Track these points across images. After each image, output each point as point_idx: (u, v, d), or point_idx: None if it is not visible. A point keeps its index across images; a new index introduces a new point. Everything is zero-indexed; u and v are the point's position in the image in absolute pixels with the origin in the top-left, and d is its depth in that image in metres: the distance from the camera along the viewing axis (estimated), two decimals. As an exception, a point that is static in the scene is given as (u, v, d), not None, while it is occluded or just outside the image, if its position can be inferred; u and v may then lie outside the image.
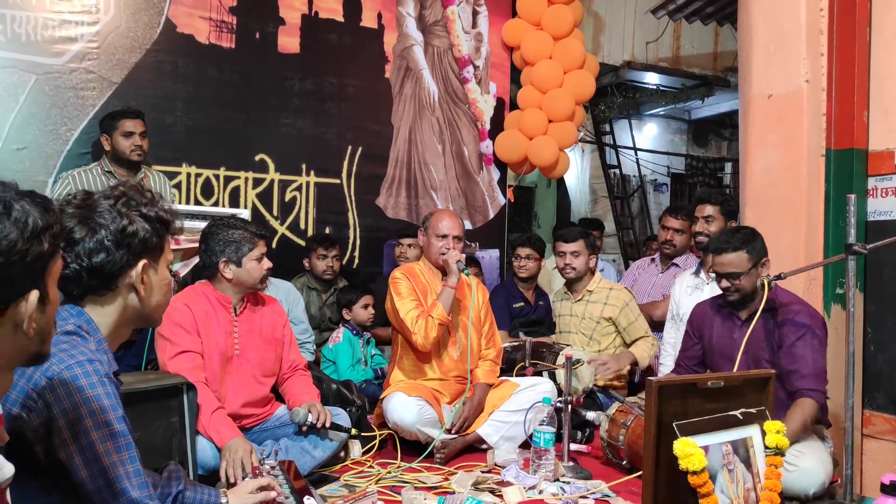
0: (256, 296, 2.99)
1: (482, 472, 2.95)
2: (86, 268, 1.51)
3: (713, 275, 3.70)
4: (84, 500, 1.42)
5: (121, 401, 1.49)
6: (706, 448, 1.97)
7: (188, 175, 4.47)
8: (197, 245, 3.24)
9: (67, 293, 1.54)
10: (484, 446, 3.24)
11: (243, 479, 2.41)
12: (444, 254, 3.32)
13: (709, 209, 3.74)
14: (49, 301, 1.18)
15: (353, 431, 3.02)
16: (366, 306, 4.13)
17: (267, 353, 2.97)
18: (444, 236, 3.37)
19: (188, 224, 3.45)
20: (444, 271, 3.45)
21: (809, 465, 2.66)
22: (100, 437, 1.41)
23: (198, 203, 4.45)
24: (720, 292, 3.54)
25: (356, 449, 3.08)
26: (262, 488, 2.08)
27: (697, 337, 3.16)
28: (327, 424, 2.85)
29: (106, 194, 1.58)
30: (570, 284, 4.10)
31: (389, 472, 2.90)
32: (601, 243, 6.42)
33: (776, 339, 2.86)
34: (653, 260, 4.73)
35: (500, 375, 3.61)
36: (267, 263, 2.89)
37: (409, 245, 4.56)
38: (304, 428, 2.84)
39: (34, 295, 1.12)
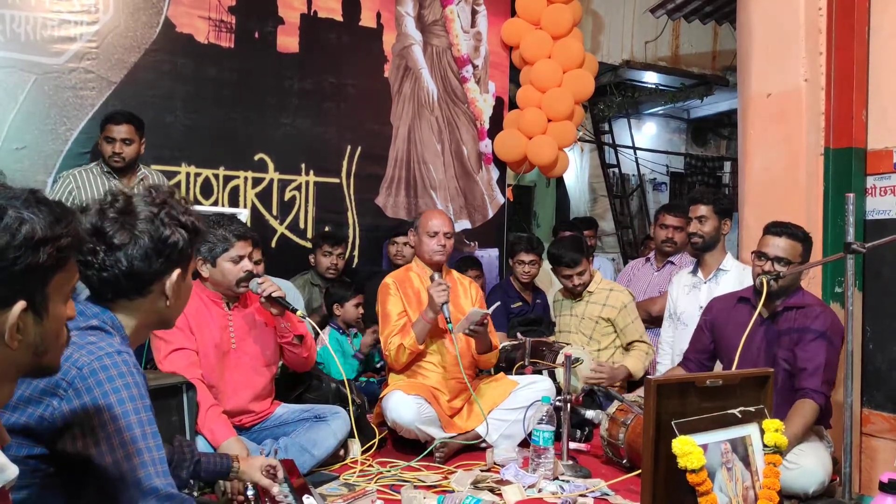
0: None
1: (481, 470, 2.95)
2: (125, 273, 1.53)
3: (715, 271, 3.73)
4: (105, 488, 1.45)
5: (147, 391, 1.52)
6: (705, 446, 1.97)
7: (187, 174, 4.47)
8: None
9: (101, 296, 1.56)
10: (483, 445, 3.25)
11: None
12: (432, 290, 3.20)
13: (702, 209, 3.72)
14: (48, 315, 1.16)
15: (299, 313, 2.96)
16: (357, 305, 4.13)
17: (265, 342, 2.97)
18: (435, 234, 3.39)
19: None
20: (437, 270, 3.46)
21: (809, 463, 2.67)
22: (126, 424, 1.44)
23: (197, 203, 4.44)
24: (717, 292, 3.57)
25: (355, 448, 3.08)
26: (269, 468, 2.19)
27: (710, 331, 3.15)
28: (275, 294, 2.82)
29: (146, 200, 1.60)
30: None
31: (389, 471, 2.91)
32: (594, 242, 6.43)
33: (794, 338, 2.86)
34: (647, 259, 4.74)
35: (498, 373, 3.62)
36: (247, 265, 2.82)
37: (405, 243, 4.56)
38: (262, 300, 2.85)
39: (19, 306, 1.09)
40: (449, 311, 3.19)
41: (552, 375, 3.62)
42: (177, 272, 1.59)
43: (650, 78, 8.67)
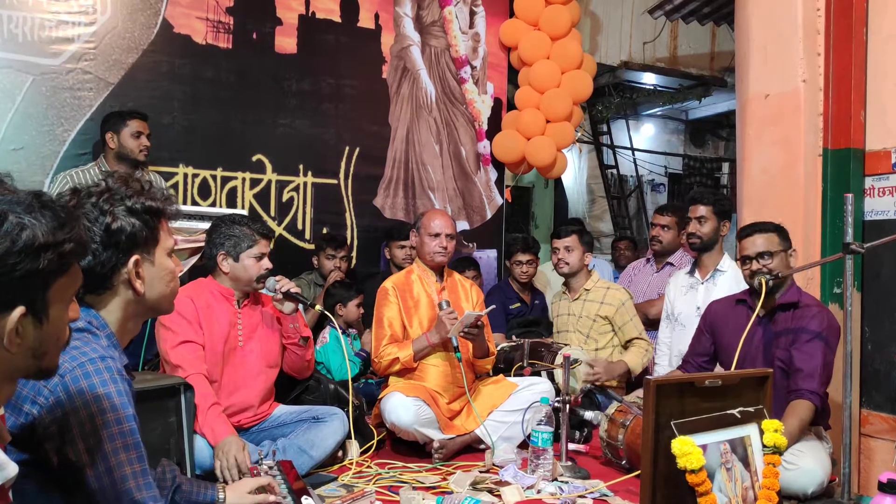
0: None
1: (480, 471, 2.95)
2: None
3: (712, 272, 3.73)
4: (89, 499, 1.42)
5: (133, 398, 1.48)
6: (704, 447, 1.97)
7: (185, 175, 4.47)
8: (194, 246, 3.26)
9: None
10: (482, 446, 3.24)
11: (240, 477, 2.43)
12: (444, 316, 3.20)
13: (701, 209, 3.73)
14: (48, 320, 1.14)
15: (318, 308, 3.17)
16: (358, 305, 4.15)
17: (270, 342, 3.00)
18: (437, 235, 3.38)
19: (185, 225, 3.46)
20: (438, 271, 3.45)
21: (808, 464, 2.67)
22: (108, 435, 1.40)
23: (195, 204, 4.44)
24: (714, 293, 3.57)
25: (354, 449, 3.08)
26: (261, 489, 2.09)
27: (710, 333, 3.15)
28: (293, 291, 2.93)
29: (90, 191, 1.53)
30: (568, 283, 4.11)
31: (387, 472, 2.90)
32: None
33: (791, 339, 2.87)
34: (648, 260, 4.75)
35: (497, 374, 3.62)
36: (266, 264, 2.92)
37: (412, 247, 4.55)
38: (279, 297, 2.93)
39: (18, 311, 1.08)
40: (457, 340, 3.21)
41: (551, 376, 3.62)
42: (133, 259, 1.51)
43: (648, 79, 8.67)
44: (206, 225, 3.23)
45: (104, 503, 1.41)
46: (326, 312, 3.29)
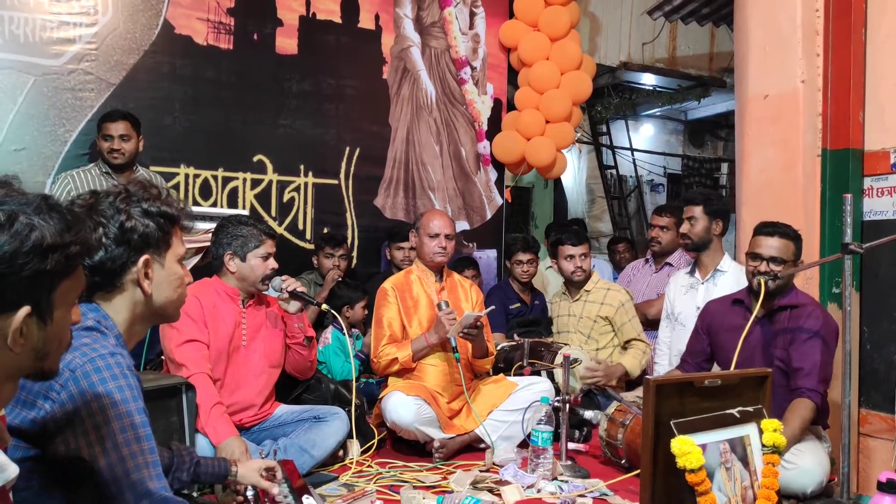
0: None
1: (480, 471, 2.96)
2: (87, 266, 1.49)
3: (713, 272, 3.74)
4: (92, 496, 1.44)
5: (141, 393, 1.51)
6: (704, 446, 1.98)
7: (186, 176, 4.47)
8: (196, 246, 3.28)
9: None
10: (482, 446, 3.25)
11: None
12: (443, 317, 3.21)
13: (692, 210, 3.74)
14: (52, 321, 1.16)
15: (324, 307, 3.19)
16: (364, 306, 4.17)
17: (274, 342, 3.02)
18: (436, 235, 3.40)
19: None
20: (438, 272, 3.47)
21: (808, 463, 2.68)
22: (120, 427, 1.43)
23: (196, 204, 4.45)
24: (714, 293, 3.58)
25: (355, 448, 3.09)
26: (268, 469, 2.19)
27: (706, 334, 3.16)
28: (299, 290, 2.97)
29: (108, 191, 1.58)
30: (570, 284, 4.11)
31: (388, 472, 2.91)
32: None
33: (789, 338, 2.88)
34: (647, 260, 4.77)
35: (497, 374, 3.63)
36: (272, 263, 2.94)
37: (411, 248, 4.57)
38: (285, 297, 2.97)
39: (23, 311, 1.10)
40: (456, 341, 3.22)
41: (551, 376, 3.63)
42: (143, 259, 1.55)
43: (647, 79, 8.68)
44: (208, 225, 3.24)
45: (118, 494, 1.43)
46: (334, 312, 3.31)
